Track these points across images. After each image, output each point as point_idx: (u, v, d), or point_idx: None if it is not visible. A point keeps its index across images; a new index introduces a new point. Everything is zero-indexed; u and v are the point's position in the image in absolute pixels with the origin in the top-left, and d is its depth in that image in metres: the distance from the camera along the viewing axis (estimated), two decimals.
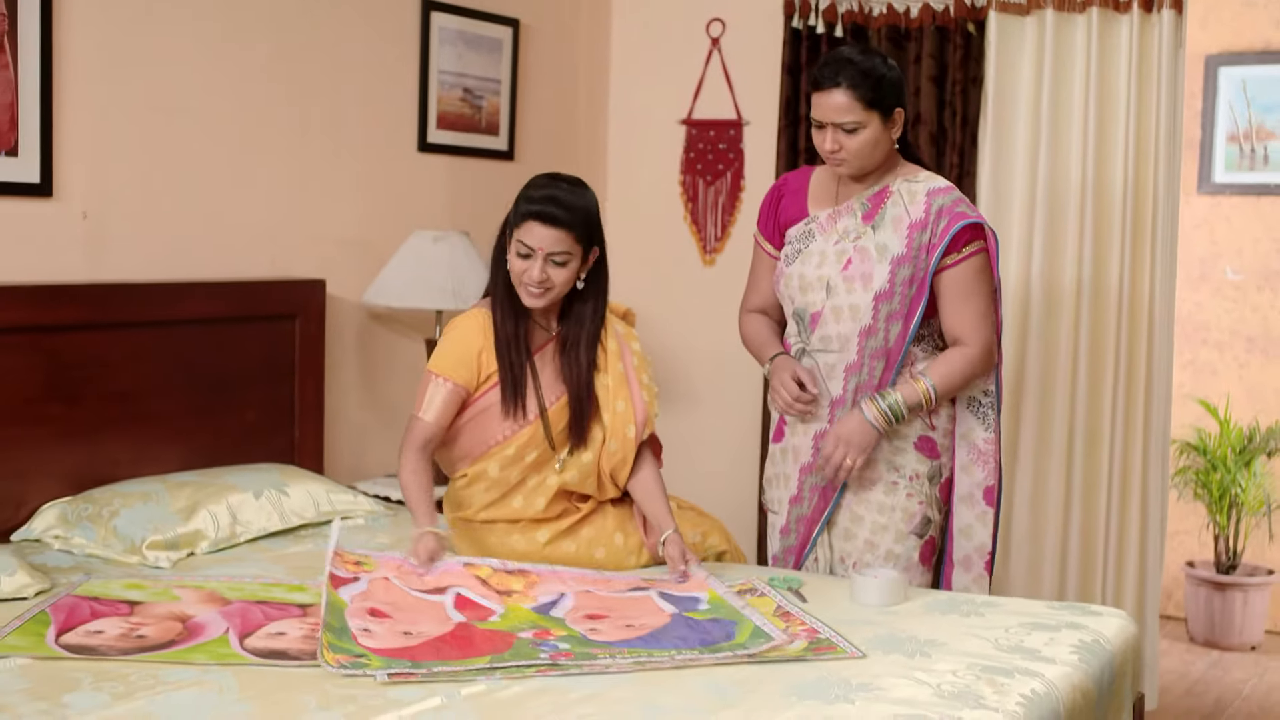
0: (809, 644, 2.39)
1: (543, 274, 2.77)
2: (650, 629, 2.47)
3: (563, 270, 2.79)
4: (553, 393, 2.88)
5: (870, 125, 2.83)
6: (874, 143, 2.85)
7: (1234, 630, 5.02)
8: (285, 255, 3.70)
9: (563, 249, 2.77)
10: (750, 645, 2.37)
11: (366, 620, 2.41)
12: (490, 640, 2.37)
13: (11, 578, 2.57)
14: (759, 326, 3.13)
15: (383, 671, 2.16)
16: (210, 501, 3.06)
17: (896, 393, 2.85)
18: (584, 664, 2.25)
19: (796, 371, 2.93)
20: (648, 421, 2.93)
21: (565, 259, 2.78)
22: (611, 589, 2.71)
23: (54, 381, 3.10)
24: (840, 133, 2.84)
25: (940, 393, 2.87)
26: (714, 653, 2.32)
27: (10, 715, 1.97)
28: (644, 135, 4.77)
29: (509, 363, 2.84)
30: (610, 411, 2.91)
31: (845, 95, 2.82)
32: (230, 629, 2.40)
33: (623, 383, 2.92)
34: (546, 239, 2.76)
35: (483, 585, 2.65)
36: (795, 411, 2.94)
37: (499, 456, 2.87)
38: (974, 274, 2.88)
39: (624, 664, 2.25)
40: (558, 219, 2.76)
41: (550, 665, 2.24)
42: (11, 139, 3.05)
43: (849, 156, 2.86)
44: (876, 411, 2.84)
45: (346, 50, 3.86)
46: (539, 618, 2.52)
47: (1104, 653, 2.49)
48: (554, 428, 2.87)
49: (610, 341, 2.94)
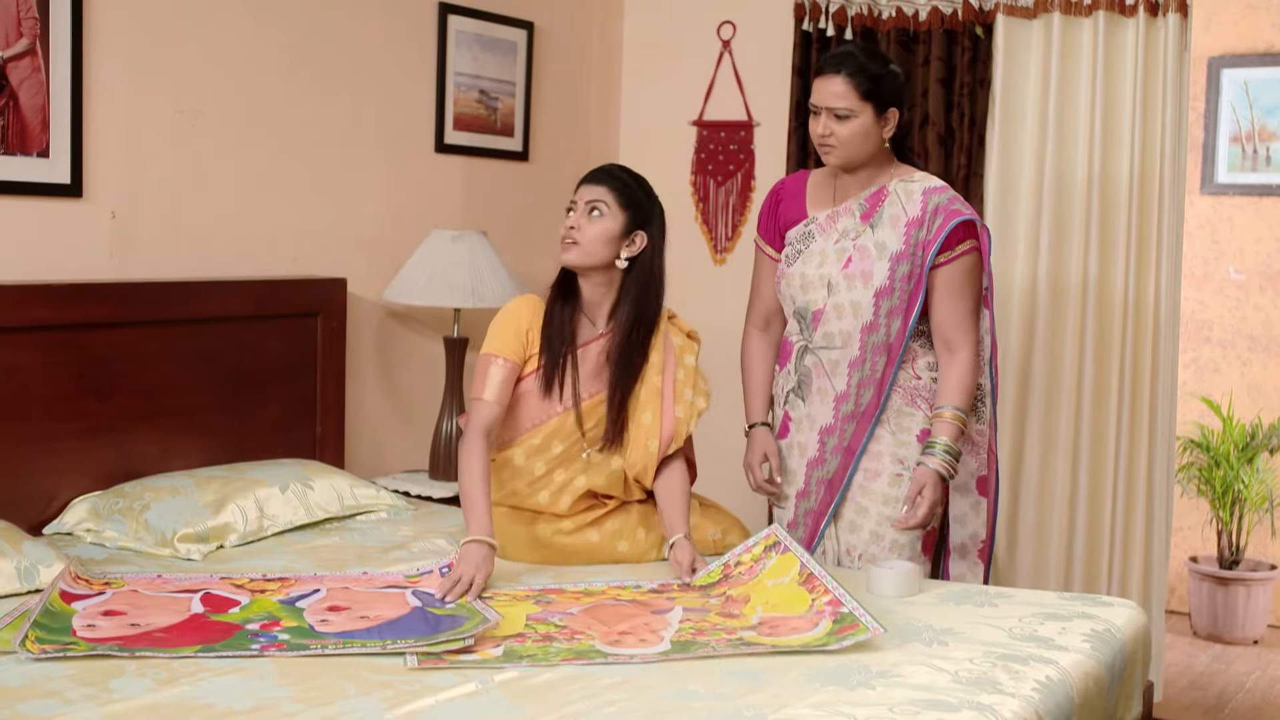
0: (833, 624, 2.43)
1: (574, 221, 2.88)
2: (384, 619, 2.46)
3: (595, 224, 2.89)
4: (590, 388, 2.94)
5: (862, 116, 2.93)
6: (863, 134, 2.94)
7: (1237, 624, 5.09)
8: (307, 254, 3.77)
9: (599, 199, 2.89)
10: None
11: (97, 619, 2.41)
12: (214, 630, 2.38)
13: (49, 569, 2.65)
14: (752, 369, 3.25)
15: (85, 652, 2.19)
16: (238, 495, 3.13)
17: (941, 437, 2.93)
18: (290, 654, 2.25)
19: (768, 453, 3.14)
20: (674, 437, 2.97)
21: (602, 210, 2.89)
22: (370, 585, 2.70)
23: (83, 378, 3.16)
24: (832, 119, 2.94)
25: (966, 409, 2.97)
26: (430, 640, 2.31)
27: (59, 700, 2.03)
28: (655, 136, 4.83)
29: (552, 344, 2.92)
30: (636, 423, 2.96)
31: (843, 82, 2.92)
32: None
33: (655, 396, 2.96)
34: (589, 191, 2.90)
35: (235, 587, 2.65)
36: (762, 493, 3.15)
37: (525, 445, 2.94)
38: (965, 273, 2.97)
39: (331, 652, 2.26)
40: (601, 178, 2.92)
41: (256, 655, 2.25)
42: (43, 141, 3.11)
43: (837, 144, 2.95)
44: (940, 462, 2.92)
45: (366, 54, 3.92)
46: (278, 608, 2.52)
47: (1115, 641, 2.56)
48: (585, 422, 2.93)
49: (655, 354, 2.98)
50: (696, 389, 3.01)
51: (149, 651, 2.25)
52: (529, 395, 2.94)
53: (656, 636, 2.43)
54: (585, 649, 2.34)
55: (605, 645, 2.37)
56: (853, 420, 3.01)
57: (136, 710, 2.00)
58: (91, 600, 2.52)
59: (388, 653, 2.28)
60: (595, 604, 2.63)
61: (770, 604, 2.59)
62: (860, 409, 3.01)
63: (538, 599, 2.65)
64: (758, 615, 2.56)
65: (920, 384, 3.01)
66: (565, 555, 2.96)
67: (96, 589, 2.59)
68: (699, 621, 2.53)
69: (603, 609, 2.60)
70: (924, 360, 3.02)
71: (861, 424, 3.01)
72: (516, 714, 2.04)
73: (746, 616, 2.56)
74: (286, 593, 2.63)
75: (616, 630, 2.46)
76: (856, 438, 3.01)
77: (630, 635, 2.43)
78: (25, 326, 3.03)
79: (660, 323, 3.00)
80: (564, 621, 2.50)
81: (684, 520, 2.93)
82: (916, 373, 3.02)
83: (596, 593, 2.72)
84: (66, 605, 2.47)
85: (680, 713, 2.06)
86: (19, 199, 3.10)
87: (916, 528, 2.94)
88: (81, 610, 2.45)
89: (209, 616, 2.47)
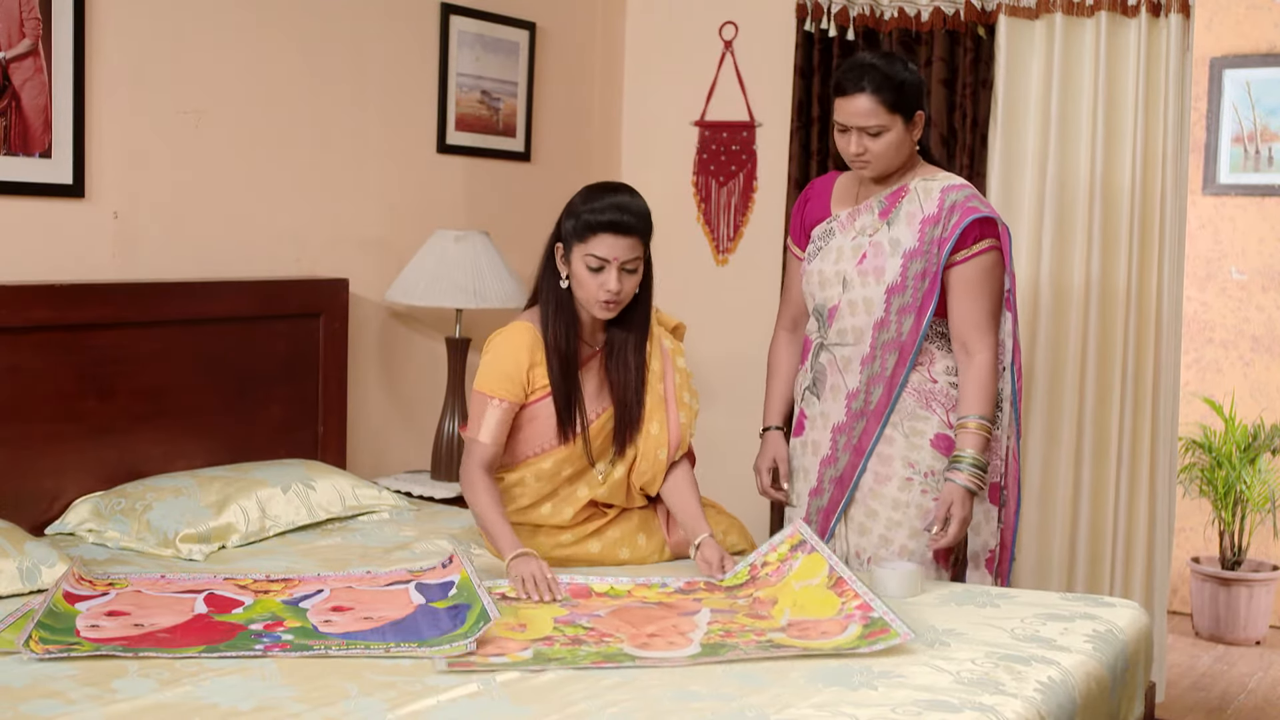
0: (864, 629, 2.42)
1: (619, 284, 2.76)
2: (389, 620, 2.46)
3: (633, 277, 2.80)
4: (595, 407, 2.90)
5: (894, 128, 2.90)
6: (897, 145, 2.93)
7: (1239, 625, 5.09)
8: (309, 255, 3.77)
9: (634, 255, 2.78)
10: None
11: (100, 619, 2.41)
12: (217, 630, 2.38)
13: (52, 569, 2.65)
14: (775, 371, 3.24)
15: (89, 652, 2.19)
16: (240, 496, 3.13)
17: (967, 450, 2.89)
18: (294, 654, 2.25)
19: (778, 460, 3.14)
20: (681, 444, 2.96)
21: (636, 265, 2.80)
22: (374, 584, 2.70)
23: (86, 378, 3.16)
24: (865, 136, 2.91)
25: (989, 417, 2.93)
26: (433, 646, 2.31)
27: (61, 700, 2.03)
28: (657, 137, 4.83)
29: (562, 381, 2.83)
30: (644, 434, 2.94)
31: (869, 100, 2.88)
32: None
33: (660, 405, 2.95)
34: (619, 248, 2.76)
35: (239, 588, 2.65)
36: (768, 497, 3.16)
37: (534, 468, 2.90)
38: (983, 272, 2.94)
39: (334, 653, 2.26)
40: (631, 227, 2.77)
41: (260, 655, 2.25)
42: (45, 141, 3.11)
43: (873, 159, 2.93)
44: (967, 477, 2.89)
45: (368, 54, 3.92)
46: (282, 609, 2.52)
47: (1117, 642, 2.56)
48: (594, 442, 2.90)
49: (655, 360, 2.95)
50: (690, 389, 3.01)
51: (153, 652, 2.25)
52: (535, 421, 2.88)
53: (685, 639, 2.41)
54: (614, 652, 2.33)
55: (634, 648, 2.35)
56: (862, 418, 3.00)
57: (139, 710, 2.00)
58: (95, 601, 2.52)
59: (390, 656, 2.28)
60: (622, 606, 2.61)
61: (798, 606, 2.58)
62: (870, 406, 2.99)
63: (564, 602, 2.64)
64: (786, 617, 2.54)
65: (936, 387, 2.99)
66: (567, 566, 2.94)
67: (100, 590, 2.59)
68: (727, 623, 2.52)
69: (630, 611, 2.58)
70: (941, 364, 3.00)
71: (871, 422, 2.99)
72: (518, 714, 2.04)
73: (775, 618, 2.55)
74: (290, 593, 2.63)
75: (645, 633, 2.44)
76: (866, 436, 3.00)
77: (659, 638, 2.41)
78: (28, 327, 3.03)
79: (652, 325, 2.97)
80: (591, 624, 2.49)
81: (703, 520, 2.92)
82: (932, 376, 2.99)
83: (623, 593, 2.70)
84: (70, 606, 2.47)
85: (682, 713, 2.06)
86: (21, 199, 3.10)
87: (949, 545, 2.92)
88: (85, 611, 2.46)
89: (213, 617, 2.47)
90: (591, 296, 2.79)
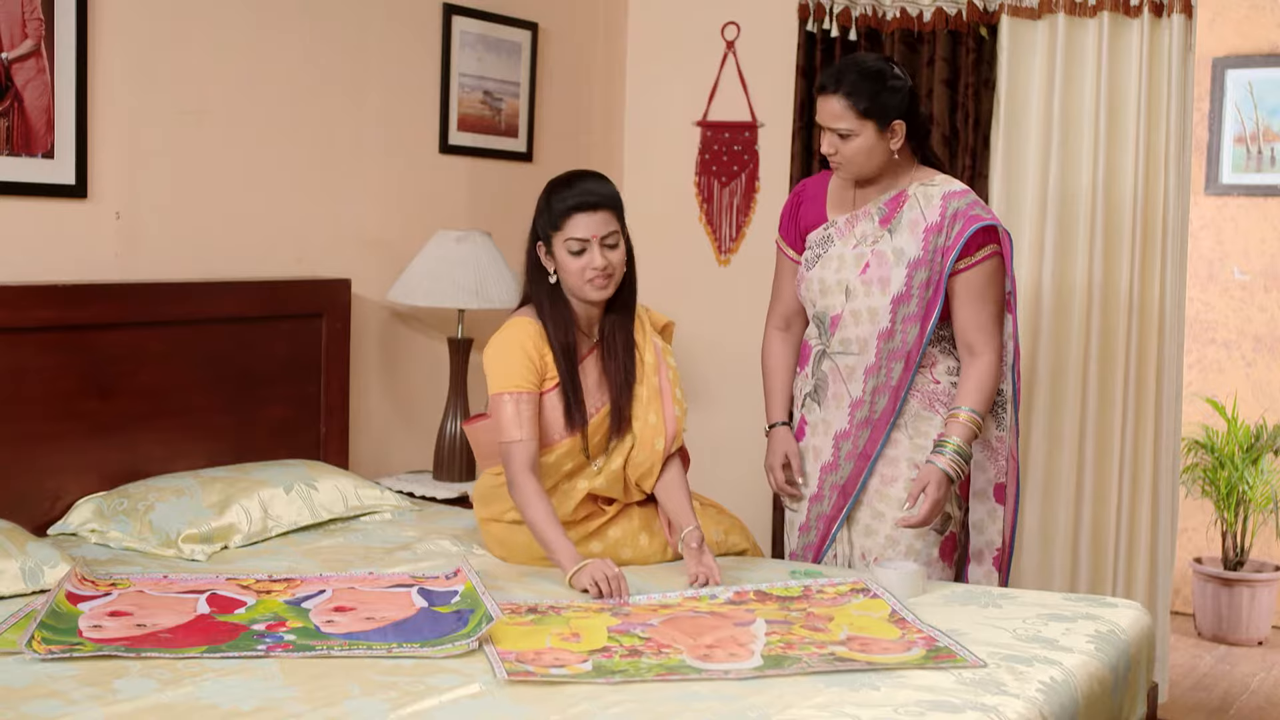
0: (928, 652, 2.37)
1: (604, 259, 2.82)
2: (391, 621, 2.45)
3: (616, 251, 2.85)
4: (595, 402, 2.93)
5: (863, 134, 2.90)
6: (867, 151, 2.91)
7: (1241, 625, 5.08)
8: (311, 255, 3.77)
9: (611, 229, 2.84)
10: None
11: (103, 620, 2.41)
12: (220, 630, 2.38)
13: (54, 569, 2.65)
14: (772, 369, 3.22)
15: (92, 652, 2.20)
16: (242, 496, 3.13)
17: (952, 437, 2.89)
18: (296, 655, 2.25)
19: (789, 455, 3.10)
20: (676, 436, 2.97)
21: (615, 239, 2.85)
22: (377, 585, 2.70)
23: (88, 378, 3.16)
24: (835, 137, 2.92)
25: (982, 413, 2.93)
26: (435, 646, 2.31)
27: (63, 701, 2.03)
28: (659, 137, 4.83)
29: (566, 373, 2.87)
30: (642, 423, 2.95)
31: (840, 102, 2.89)
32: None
33: (656, 396, 2.96)
34: (595, 223, 2.82)
35: (241, 588, 2.65)
36: (783, 495, 3.11)
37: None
38: (987, 278, 2.94)
39: (337, 653, 2.26)
40: (599, 203, 2.83)
41: (262, 656, 2.25)
42: (48, 142, 3.12)
43: (844, 161, 2.94)
44: (947, 462, 2.88)
45: (371, 55, 3.92)
46: (284, 609, 2.52)
47: (1120, 642, 2.56)
48: (592, 438, 2.92)
49: (649, 355, 2.97)
50: (679, 388, 3.03)
51: (155, 652, 2.26)
52: (542, 414, 2.89)
53: (746, 650, 2.37)
54: (676, 664, 2.29)
55: (695, 660, 2.31)
56: (867, 426, 3.00)
57: (140, 711, 2.01)
58: (97, 601, 2.52)
59: (393, 656, 2.28)
60: (674, 615, 2.58)
61: (856, 625, 2.53)
62: (875, 415, 3.00)
63: (614, 611, 2.61)
64: (845, 632, 2.49)
65: (939, 389, 2.99)
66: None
67: (102, 590, 2.59)
68: (785, 634, 2.46)
69: (683, 620, 2.54)
70: (943, 365, 3.00)
71: (876, 430, 3.00)
72: (519, 714, 2.04)
73: (833, 632, 2.49)
74: (292, 593, 2.63)
75: (703, 644, 2.40)
76: (871, 443, 3.00)
77: (718, 649, 2.37)
78: (30, 327, 3.03)
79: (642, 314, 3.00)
80: (647, 633, 2.45)
81: (690, 512, 2.94)
82: (935, 377, 3.00)
83: (674, 604, 2.67)
84: (73, 606, 2.47)
85: (684, 714, 2.06)
86: (24, 200, 3.10)
87: (918, 526, 2.91)
88: (87, 611, 2.46)
89: (215, 617, 2.47)
90: (581, 280, 2.84)
